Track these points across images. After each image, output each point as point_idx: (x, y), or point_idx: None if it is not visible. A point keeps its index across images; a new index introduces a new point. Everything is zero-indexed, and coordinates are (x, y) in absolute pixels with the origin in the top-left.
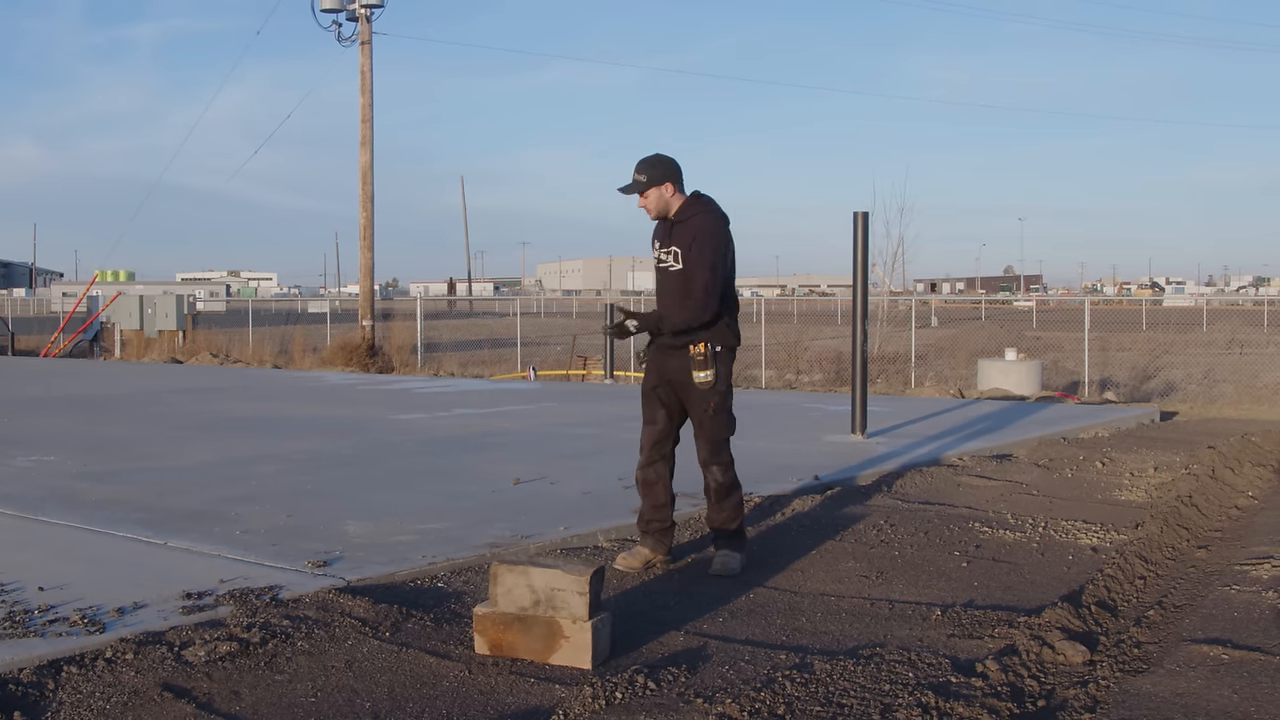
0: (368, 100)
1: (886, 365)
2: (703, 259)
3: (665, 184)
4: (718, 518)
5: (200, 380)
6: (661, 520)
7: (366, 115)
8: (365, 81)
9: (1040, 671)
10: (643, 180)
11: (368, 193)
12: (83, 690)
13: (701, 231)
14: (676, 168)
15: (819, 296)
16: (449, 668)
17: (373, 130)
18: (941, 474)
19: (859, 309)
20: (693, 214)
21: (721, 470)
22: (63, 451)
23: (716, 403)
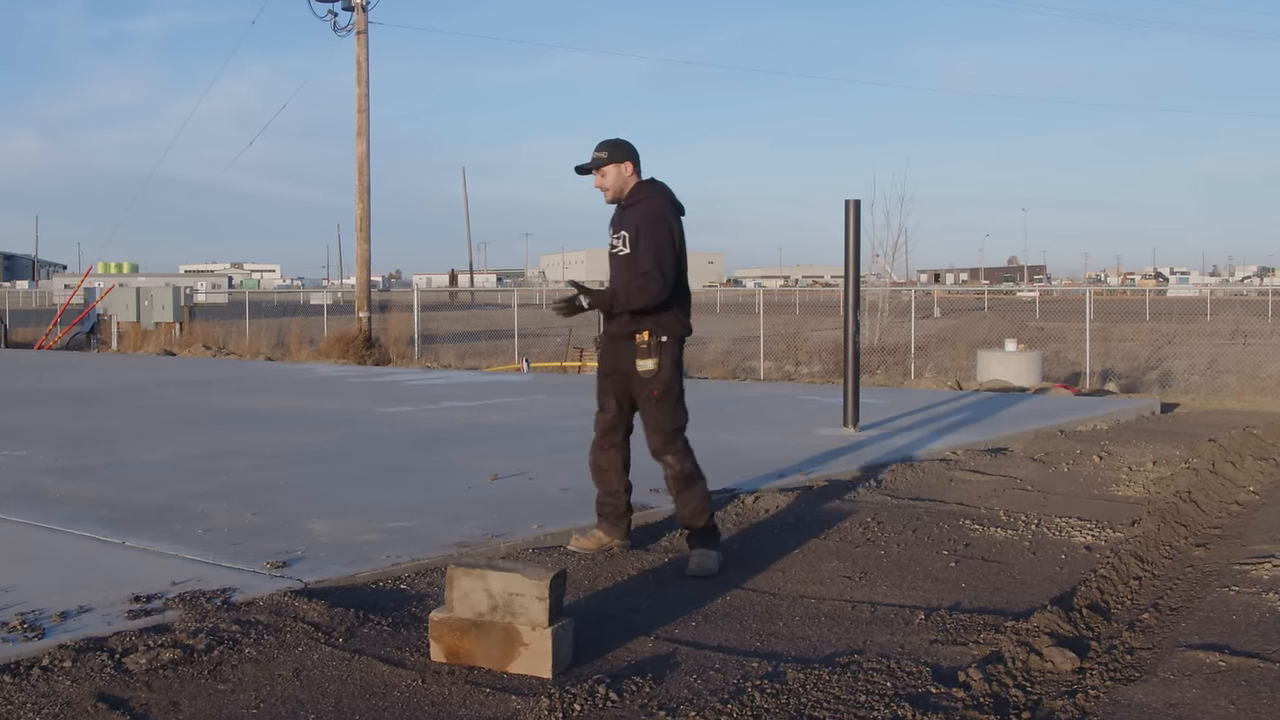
0: (364, 90)
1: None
2: (654, 239)
3: (625, 163)
4: (684, 512)
5: (191, 373)
6: (615, 504)
7: (363, 105)
8: (361, 72)
9: (1027, 680)
10: (603, 156)
11: (364, 183)
12: (14, 700)
13: (650, 214)
14: (636, 151)
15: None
16: (402, 677)
17: (369, 121)
18: (933, 469)
19: (850, 299)
20: (642, 198)
21: (676, 459)
22: (37, 446)
23: (660, 391)
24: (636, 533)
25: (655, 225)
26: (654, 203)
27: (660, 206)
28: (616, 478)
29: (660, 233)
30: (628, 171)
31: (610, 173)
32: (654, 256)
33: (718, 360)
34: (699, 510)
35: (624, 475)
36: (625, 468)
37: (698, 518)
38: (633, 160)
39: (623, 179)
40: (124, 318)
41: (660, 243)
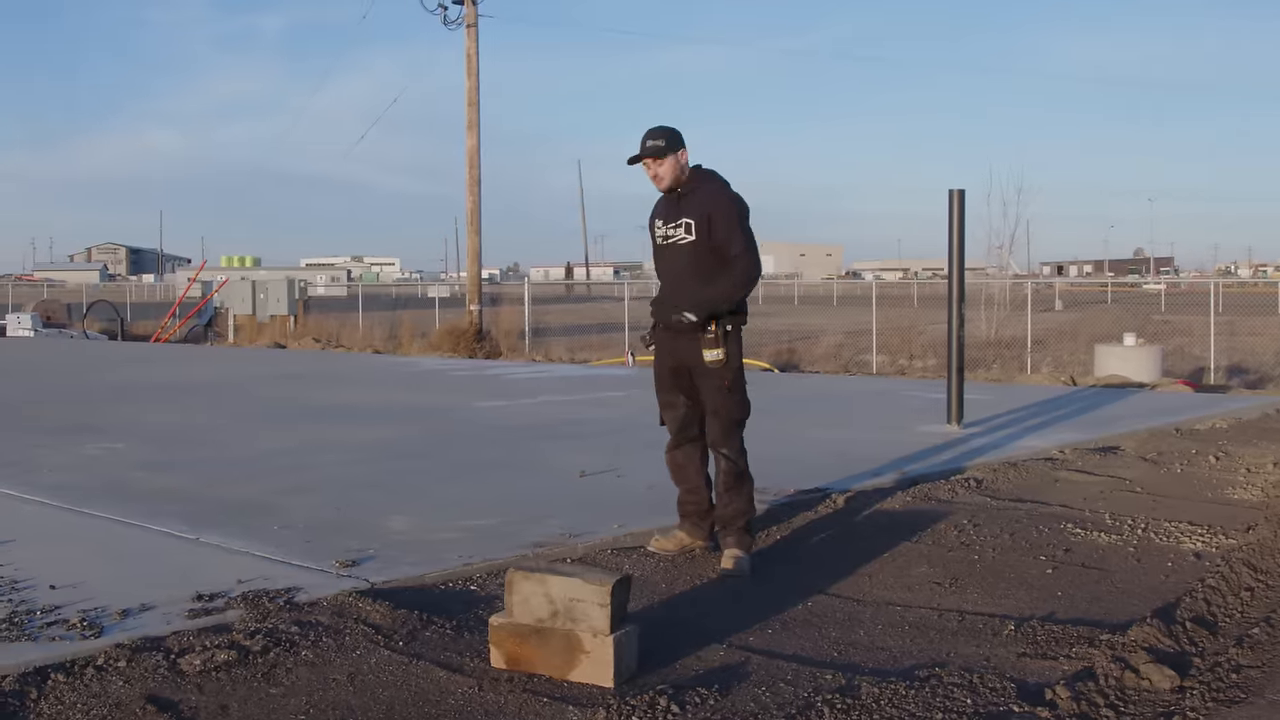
0: (474, 84)
1: (1003, 350)
2: (734, 221)
3: (681, 150)
4: (726, 511)
5: (296, 366)
6: (697, 503)
7: (473, 99)
8: (471, 65)
9: (1120, 699)
10: (660, 144)
11: (475, 176)
12: (65, 700)
13: (720, 197)
14: (683, 138)
15: (942, 280)
16: (458, 683)
17: (479, 114)
18: (1038, 468)
19: (954, 292)
20: (702, 184)
21: (734, 452)
22: (132, 439)
23: (730, 380)
24: None
25: (729, 209)
26: (719, 185)
27: (729, 192)
28: (696, 473)
29: (740, 215)
30: (684, 159)
31: (668, 161)
32: (742, 240)
33: (830, 354)
34: (741, 511)
35: (704, 470)
36: (704, 462)
37: (739, 518)
38: (685, 147)
39: (678, 167)
40: (240, 311)
41: (743, 225)
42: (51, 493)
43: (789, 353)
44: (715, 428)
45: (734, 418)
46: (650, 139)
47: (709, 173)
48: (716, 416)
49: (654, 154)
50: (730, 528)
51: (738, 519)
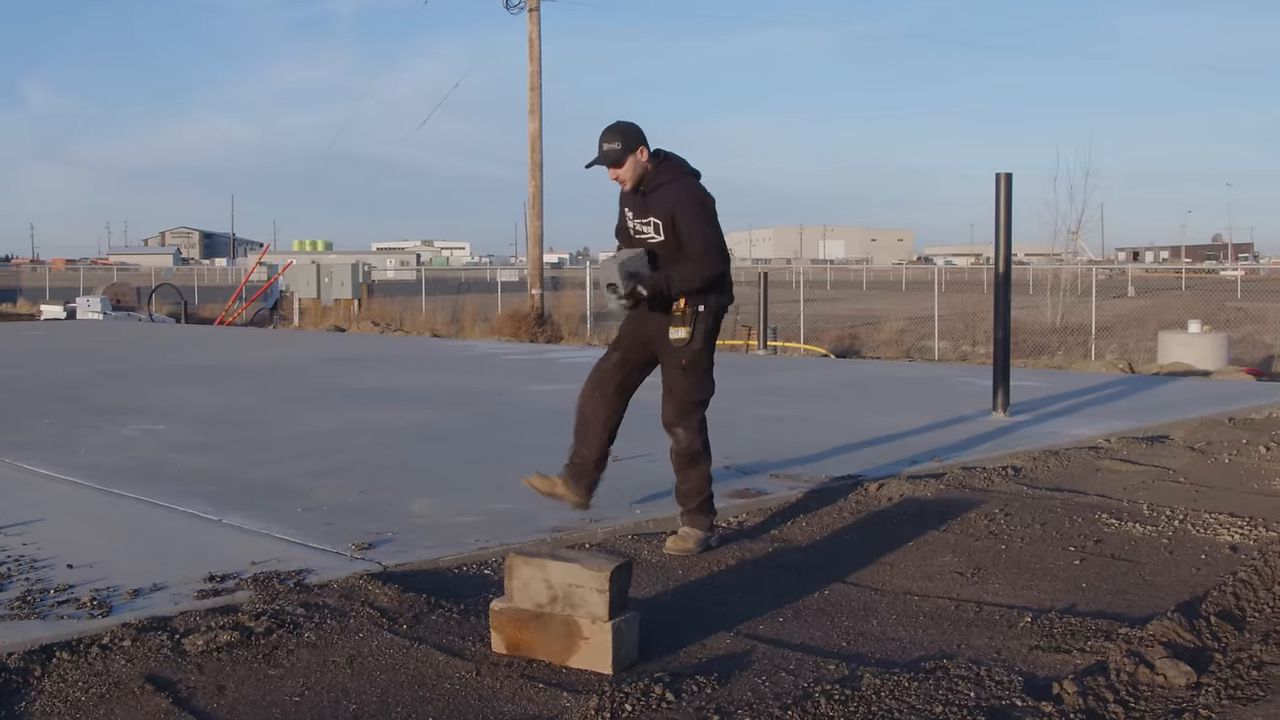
0: (536, 68)
1: (1068, 336)
2: (697, 220)
3: (639, 148)
4: (681, 489)
5: (351, 350)
6: (581, 462)
7: (535, 83)
8: (533, 49)
9: (1130, 695)
10: (616, 148)
11: (536, 160)
12: (67, 679)
13: (683, 194)
14: (642, 131)
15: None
16: (457, 668)
17: (541, 98)
18: (1080, 457)
19: (1000, 276)
20: (667, 179)
21: (686, 433)
22: (174, 421)
23: (688, 361)
24: (748, 520)
25: (694, 206)
26: (684, 182)
27: (692, 185)
28: (596, 436)
29: (701, 212)
30: (644, 157)
31: (628, 163)
32: (702, 240)
33: (891, 340)
34: (696, 490)
35: (605, 437)
36: (610, 429)
37: (691, 498)
38: (644, 143)
39: (639, 165)
40: (305, 294)
41: (705, 222)
42: (84, 473)
43: (851, 338)
44: (670, 406)
45: (690, 399)
46: (606, 142)
47: (673, 165)
48: (672, 395)
49: (611, 161)
50: (686, 507)
51: (691, 498)
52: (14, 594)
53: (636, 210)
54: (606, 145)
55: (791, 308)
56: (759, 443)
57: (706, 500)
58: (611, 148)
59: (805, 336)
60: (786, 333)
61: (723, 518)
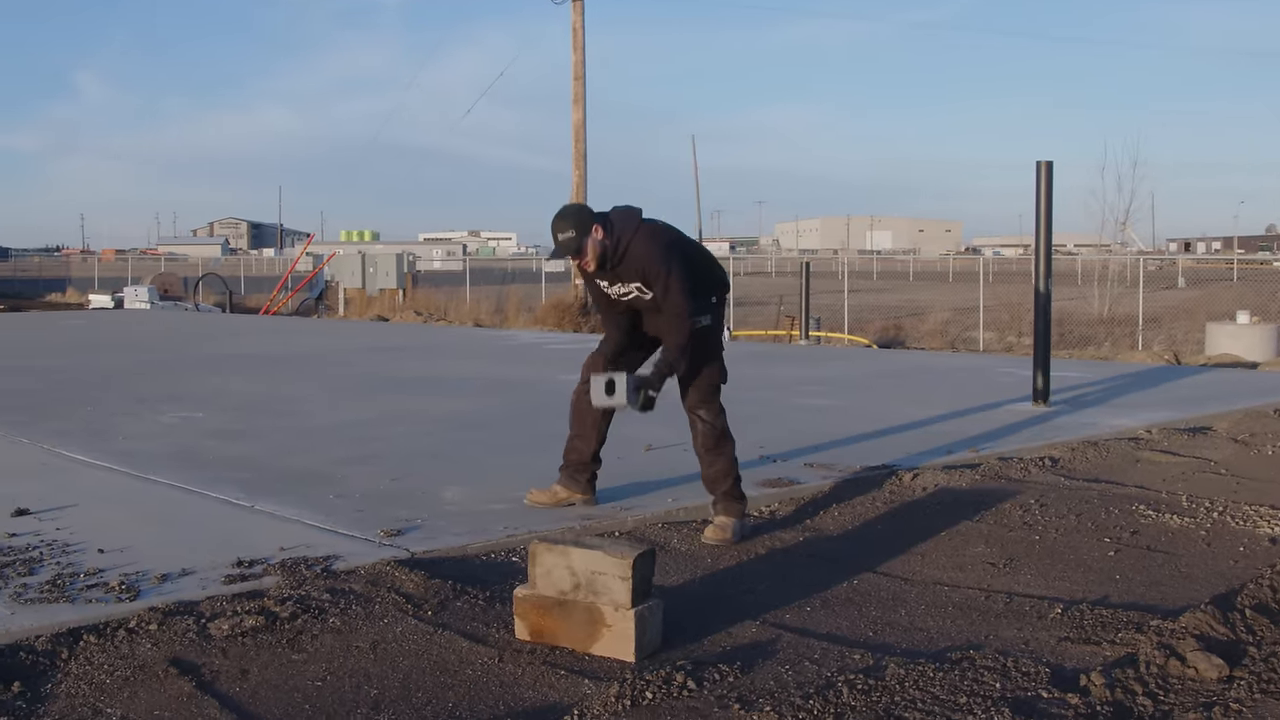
0: (580, 58)
1: (1115, 327)
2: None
3: (594, 228)
4: (709, 473)
5: (393, 339)
6: (580, 451)
7: (579, 73)
8: (577, 39)
9: (1160, 688)
10: (572, 235)
11: (580, 150)
12: (93, 661)
13: (646, 258)
14: (589, 210)
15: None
16: (479, 654)
17: (585, 88)
18: (1120, 448)
19: (1041, 266)
20: (627, 248)
21: (709, 414)
22: (212, 408)
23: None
24: (780, 509)
25: (657, 269)
26: (641, 242)
27: (647, 241)
28: (594, 422)
29: (665, 266)
30: (599, 235)
31: (587, 247)
32: (675, 301)
33: (936, 330)
34: (723, 472)
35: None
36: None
37: (720, 481)
38: (596, 220)
39: (598, 244)
40: (350, 284)
41: (673, 277)
42: (121, 459)
43: (895, 329)
44: (695, 393)
45: (713, 382)
46: (560, 233)
47: (627, 226)
48: (698, 377)
49: (573, 251)
50: (717, 492)
51: (720, 481)
52: (44, 577)
53: (609, 280)
54: (562, 236)
55: (836, 298)
56: (795, 432)
57: (736, 483)
58: (567, 238)
59: (849, 327)
60: (830, 323)
61: (754, 507)
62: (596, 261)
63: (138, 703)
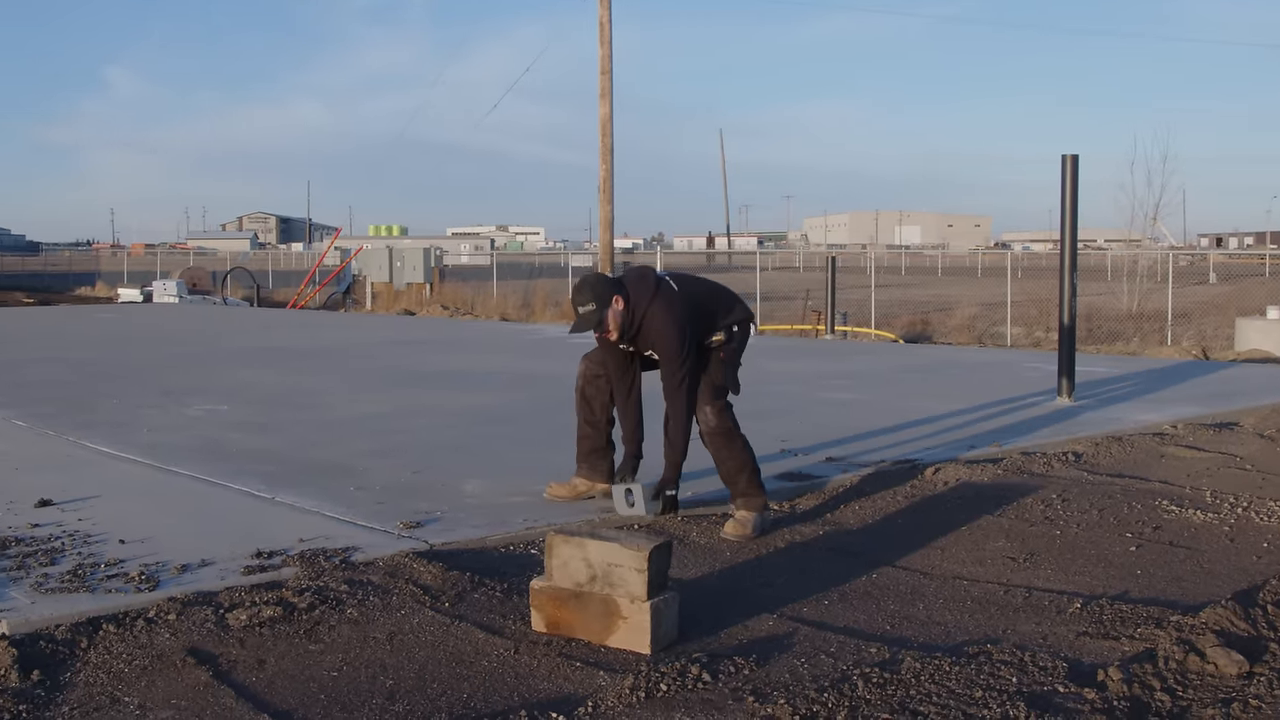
0: (606, 52)
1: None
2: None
3: (614, 299)
4: (722, 470)
5: (420, 333)
6: (594, 437)
7: (605, 67)
8: (604, 33)
9: (1179, 683)
10: (593, 309)
11: (607, 145)
12: (112, 650)
13: (658, 333)
14: (608, 280)
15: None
16: (495, 645)
17: (612, 82)
18: (1145, 443)
19: (1066, 260)
20: (639, 318)
21: (714, 412)
22: (237, 401)
23: (726, 356)
24: (800, 503)
25: (666, 344)
26: (657, 321)
27: (663, 319)
28: (602, 407)
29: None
30: (620, 305)
31: (609, 319)
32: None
33: (963, 325)
34: (738, 466)
35: (610, 406)
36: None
37: (735, 478)
38: (616, 290)
39: (618, 314)
40: (377, 278)
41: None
42: (145, 451)
43: (922, 324)
44: (705, 392)
45: (717, 383)
46: (581, 306)
47: (642, 297)
48: (707, 381)
49: (594, 325)
50: (735, 488)
51: (736, 477)
52: (65, 568)
53: (628, 343)
54: (583, 309)
55: (864, 293)
56: (819, 426)
57: (752, 478)
58: (589, 311)
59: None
60: (858, 317)
61: (775, 500)
62: (619, 330)
63: (155, 691)
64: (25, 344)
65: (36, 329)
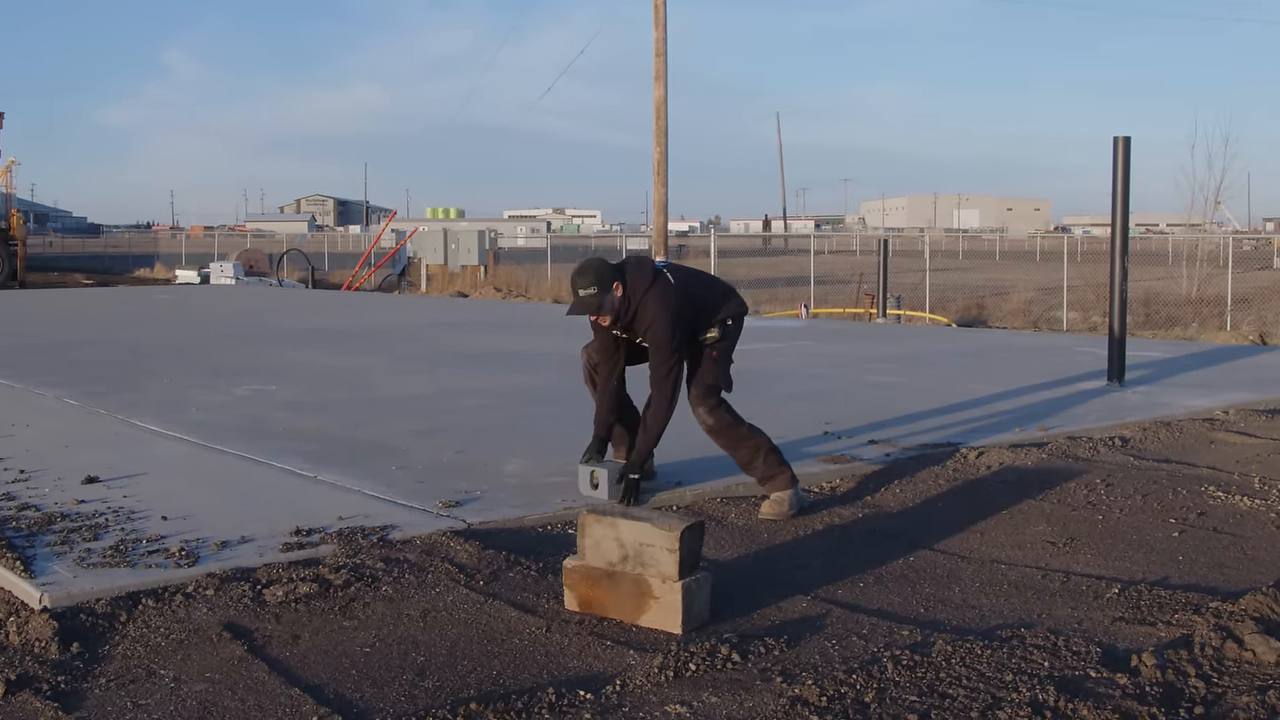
0: (661, 34)
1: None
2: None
3: (614, 285)
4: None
5: (471, 314)
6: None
7: (660, 49)
8: (659, 15)
9: (1214, 670)
10: (594, 292)
11: (661, 127)
12: (150, 624)
13: (650, 323)
14: (608, 264)
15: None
16: (527, 624)
17: (666, 65)
18: (1194, 428)
19: (1117, 244)
20: (639, 308)
21: (706, 411)
22: (286, 381)
23: (718, 354)
24: (841, 485)
25: (659, 335)
26: (650, 310)
27: (656, 309)
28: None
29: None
30: (619, 292)
31: (607, 303)
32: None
33: (1019, 310)
34: (752, 452)
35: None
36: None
37: (754, 465)
38: (616, 277)
39: (616, 301)
40: (432, 260)
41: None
42: (192, 429)
43: (978, 308)
44: (696, 389)
45: (710, 383)
46: (581, 289)
47: (639, 285)
48: (699, 378)
49: (594, 309)
50: (756, 474)
51: (754, 465)
52: (108, 543)
53: (621, 330)
54: (583, 292)
55: (919, 276)
56: (863, 409)
57: (769, 455)
58: (589, 294)
59: (931, 305)
60: (912, 301)
61: (816, 483)
62: (613, 317)
63: (190, 665)
64: (81, 324)
65: (93, 310)
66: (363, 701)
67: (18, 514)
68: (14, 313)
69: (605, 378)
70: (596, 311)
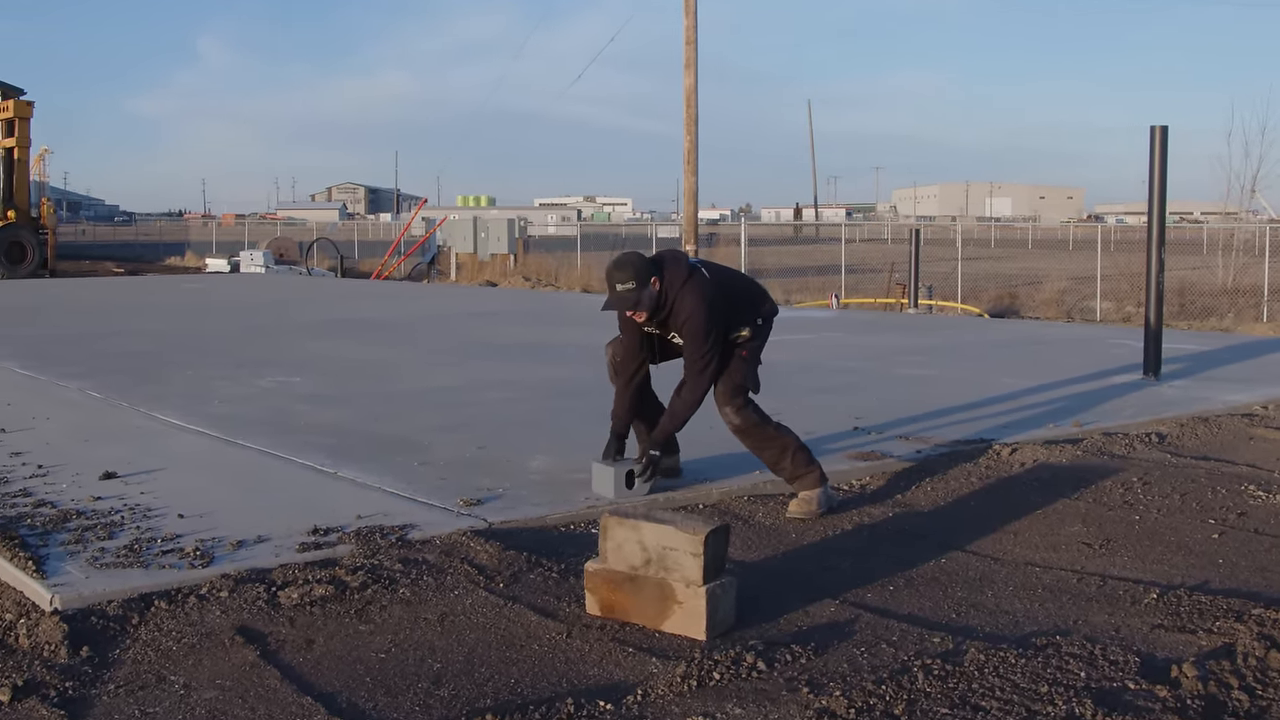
0: (691, 22)
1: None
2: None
3: (652, 280)
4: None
5: (499, 304)
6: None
7: (690, 38)
8: (689, 3)
9: (1258, 681)
10: (632, 287)
11: (692, 115)
12: (162, 628)
13: (687, 318)
14: (645, 258)
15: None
16: (548, 629)
17: (697, 53)
18: (1233, 424)
19: (1154, 235)
20: (675, 302)
21: (734, 411)
22: (310, 373)
23: (747, 353)
24: (870, 483)
25: (695, 329)
26: (687, 304)
27: (691, 299)
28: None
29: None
30: (656, 287)
31: (644, 299)
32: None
33: (1052, 300)
34: (776, 459)
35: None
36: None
37: (782, 465)
38: (653, 271)
39: (653, 296)
40: (462, 249)
41: (705, 340)
42: (213, 423)
43: (1010, 298)
44: (723, 389)
45: (737, 382)
46: (619, 283)
47: (675, 280)
48: (727, 378)
49: (630, 305)
50: (784, 474)
51: (781, 465)
52: (123, 542)
53: (654, 326)
54: (621, 287)
55: (951, 265)
56: (892, 403)
57: (797, 454)
58: (627, 289)
59: (962, 295)
60: (943, 291)
61: (844, 480)
62: (649, 312)
63: (201, 670)
64: (109, 315)
65: (121, 300)
66: (376, 711)
67: (33, 511)
68: (46, 303)
69: (628, 377)
70: (634, 307)
